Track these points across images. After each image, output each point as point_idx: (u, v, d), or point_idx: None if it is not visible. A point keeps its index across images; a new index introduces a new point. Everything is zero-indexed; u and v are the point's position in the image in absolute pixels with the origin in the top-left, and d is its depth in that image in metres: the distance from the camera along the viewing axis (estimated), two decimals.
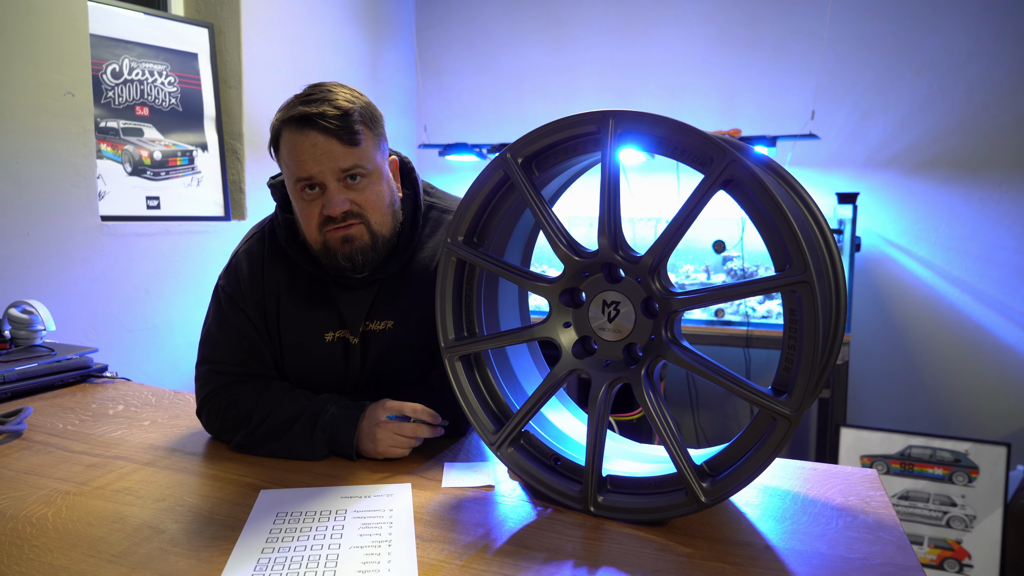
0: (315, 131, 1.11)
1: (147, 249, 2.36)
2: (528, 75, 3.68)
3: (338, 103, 1.12)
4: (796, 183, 1.01)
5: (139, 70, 2.42)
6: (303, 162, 1.13)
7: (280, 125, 1.15)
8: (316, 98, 1.13)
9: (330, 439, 1.19)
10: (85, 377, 1.69)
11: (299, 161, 1.13)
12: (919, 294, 3.15)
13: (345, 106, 1.12)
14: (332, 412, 1.20)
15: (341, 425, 1.18)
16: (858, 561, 0.87)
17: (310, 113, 1.11)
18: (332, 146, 1.12)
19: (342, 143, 1.12)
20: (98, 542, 0.91)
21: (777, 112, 3.25)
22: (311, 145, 1.12)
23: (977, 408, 3.06)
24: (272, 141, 1.19)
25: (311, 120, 1.11)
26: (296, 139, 1.13)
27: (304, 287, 1.28)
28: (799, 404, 0.85)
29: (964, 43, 2.98)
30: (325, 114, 1.11)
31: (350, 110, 1.13)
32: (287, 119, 1.13)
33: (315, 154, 1.12)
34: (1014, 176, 2.99)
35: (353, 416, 1.19)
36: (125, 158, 2.38)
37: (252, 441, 1.22)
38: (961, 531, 2.55)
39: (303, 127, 1.12)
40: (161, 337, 2.42)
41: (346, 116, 1.12)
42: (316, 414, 1.20)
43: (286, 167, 1.17)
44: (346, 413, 1.20)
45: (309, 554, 0.88)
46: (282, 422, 1.21)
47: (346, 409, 1.20)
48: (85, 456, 1.22)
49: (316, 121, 1.11)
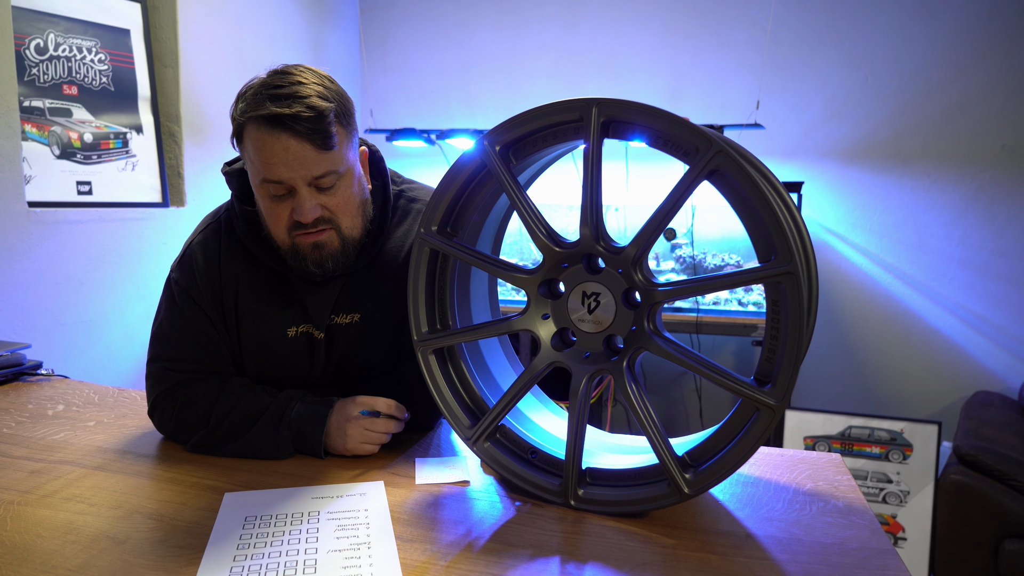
0: (287, 134, 1.03)
1: (79, 237, 2.22)
2: (477, 59, 3.63)
3: (312, 102, 1.03)
4: (772, 176, 1.02)
5: (66, 46, 2.26)
6: (272, 165, 1.05)
7: (246, 120, 1.05)
8: (287, 93, 1.03)
9: (296, 437, 1.14)
10: (18, 375, 1.58)
11: (268, 163, 1.05)
12: (856, 280, 3.27)
13: (320, 106, 1.03)
14: (298, 409, 1.16)
15: (309, 421, 1.14)
16: (835, 546, 0.89)
17: (282, 114, 1.01)
18: (305, 151, 1.04)
19: (316, 148, 1.04)
20: (52, 556, 0.85)
21: (723, 101, 3.30)
22: (282, 149, 1.03)
23: (909, 389, 3.21)
24: (236, 132, 1.09)
25: (282, 122, 1.02)
26: (265, 139, 1.04)
27: (264, 280, 1.22)
28: (783, 394, 0.86)
29: (897, 39, 3.09)
30: (299, 116, 1.02)
31: (325, 111, 1.04)
32: (257, 117, 1.03)
33: (286, 158, 1.04)
34: (942, 166, 3.13)
35: (321, 412, 1.14)
36: (52, 140, 2.23)
37: (212, 441, 1.16)
38: (896, 506, 2.67)
39: (274, 128, 1.03)
40: (96, 330, 2.29)
41: (320, 118, 1.03)
42: (281, 411, 1.15)
43: (251, 164, 1.08)
44: (314, 409, 1.15)
45: (286, 560, 0.85)
46: (244, 420, 1.15)
47: (313, 405, 1.16)
48: (26, 461, 1.13)
49: (289, 124, 1.02)
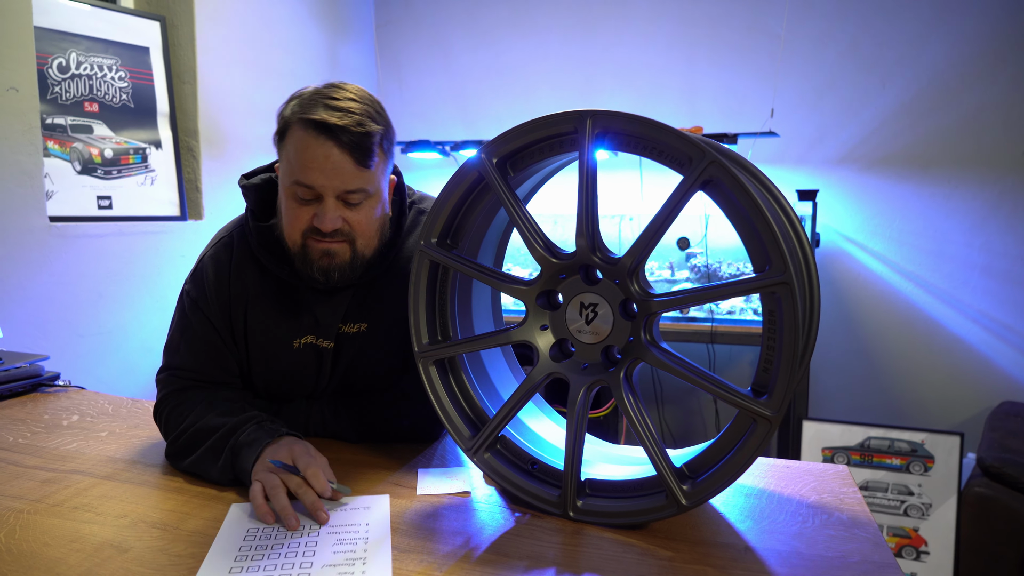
0: (332, 142, 1.06)
1: (99, 251, 2.27)
2: (490, 72, 3.66)
3: (362, 120, 1.07)
4: (771, 184, 1.02)
5: (87, 64, 2.32)
6: (310, 169, 1.07)
7: (295, 120, 1.08)
8: (341, 106, 1.07)
9: (234, 461, 1.07)
10: (36, 386, 1.62)
11: (305, 167, 1.07)
12: (875, 288, 3.23)
13: (369, 126, 1.08)
14: (249, 431, 1.09)
15: (248, 447, 1.07)
16: (836, 560, 0.88)
17: (333, 124, 1.05)
18: (345, 163, 1.07)
19: (355, 163, 1.07)
20: (56, 564, 0.86)
21: (737, 110, 3.29)
22: (324, 156, 1.06)
23: (931, 399, 3.15)
24: (280, 130, 1.12)
25: (332, 131, 1.05)
26: (309, 143, 1.06)
27: (274, 293, 1.23)
28: (779, 405, 0.85)
29: (915, 45, 3.06)
30: (348, 129, 1.05)
31: (373, 131, 1.08)
32: (307, 119, 1.06)
33: (325, 166, 1.07)
34: (962, 173, 3.09)
35: (262, 440, 1.07)
36: (74, 156, 2.28)
37: (172, 452, 1.15)
38: (918, 519, 2.62)
39: (321, 134, 1.06)
40: (115, 342, 2.33)
41: (367, 136, 1.07)
42: (232, 432, 1.10)
43: (288, 164, 1.11)
44: (256, 435, 1.08)
45: (279, 573, 0.85)
46: (201, 436, 1.12)
47: (262, 429, 1.10)
48: (39, 471, 1.16)
49: (336, 133, 1.05)
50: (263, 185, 1.24)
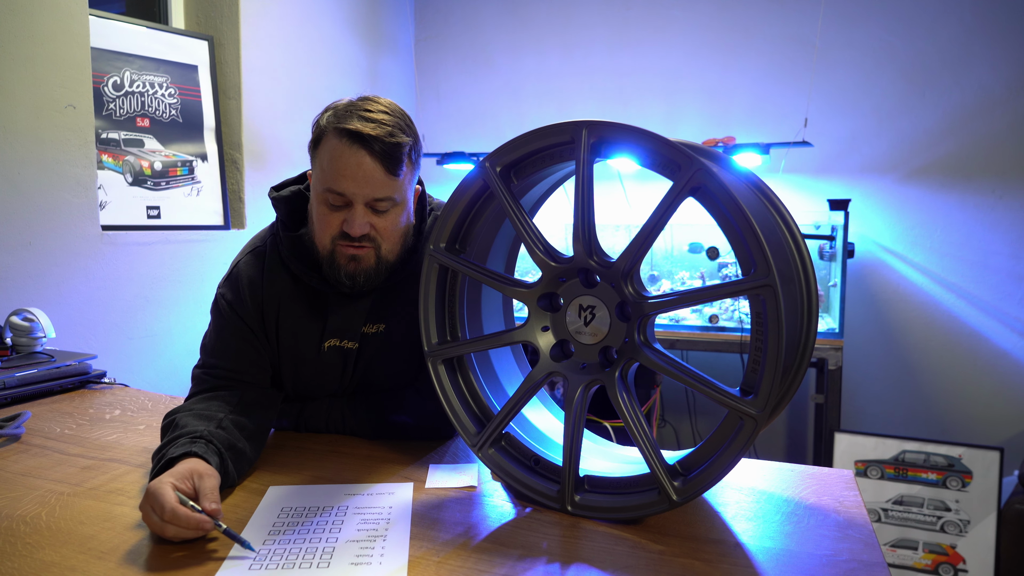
0: (365, 151, 1.13)
1: (147, 258, 2.40)
2: (525, 84, 3.73)
3: (393, 131, 1.14)
4: (769, 191, 1.04)
5: (140, 82, 2.46)
6: (342, 177, 1.14)
7: (330, 129, 1.15)
8: (374, 118, 1.14)
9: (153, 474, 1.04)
10: (84, 383, 1.73)
11: (338, 175, 1.14)
12: (914, 300, 3.17)
13: (400, 137, 1.14)
14: (182, 442, 1.06)
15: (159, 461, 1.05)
16: (824, 558, 0.90)
17: (366, 133, 1.12)
18: (375, 172, 1.14)
19: (385, 172, 1.14)
20: (88, 540, 0.94)
21: (770, 119, 3.28)
22: (356, 164, 1.13)
23: (971, 413, 3.07)
24: (315, 138, 1.19)
25: (365, 140, 1.12)
26: (343, 152, 1.13)
27: (303, 299, 1.31)
28: (764, 404, 0.87)
29: (956, 50, 3.01)
30: (380, 139, 1.12)
31: (403, 143, 1.15)
32: (341, 129, 1.14)
33: (357, 174, 1.13)
34: (1008, 182, 3.01)
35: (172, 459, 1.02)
36: (126, 168, 2.42)
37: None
38: (955, 536, 2.55)
39: (354, 143, 1.13)
40: (161, 344, 2.45)
41: (397, 147, 1.14)
42: (167, 443, 1.08)
43: (321, 172, 1.18)
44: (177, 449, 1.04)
45: (307, 547, 0.92)
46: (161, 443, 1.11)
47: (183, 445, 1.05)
48: (80, 459, 1.25)
49: (369, 143, 1.12)
50: (292, 197, 1.31)
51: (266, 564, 0.87)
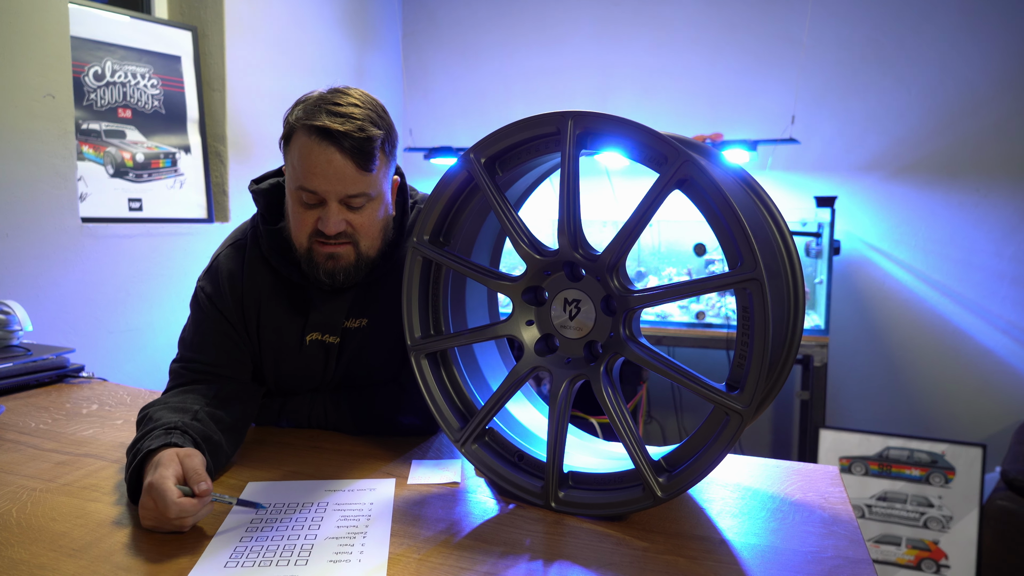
0: (334, 148, 1.09)
1: (129, 251, 2.36)
2: (513, 79, 3.71)
3: (364, 125, 1.10)
4: (757, 185, 1.03)
5: (121, 72, 2.42)
6: (313, 175, 1.11)
7: (299, 126, 1.12)
8: (343, 112, 1.10)
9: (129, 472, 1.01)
10: (61, 377, 1.70)
11: (309, 172, 1.11)
12: (899, 297, 3.18)
13: (370, 131, 1.10)
14: (156, 434, 1.03)
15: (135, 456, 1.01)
16: (810, 554, 0.89)
17: (335, 130, 1.08)
18: (347, 169, 1.10)
19: (357, 168, 1.11)
20: (60, 537, 0.92)
21: (758, 117, 3.28)
22: (326, 161, 1.10)
23: (955, 410, 3.09)
24: (286, 135, 1.16)
25: (334, 137, 1.09)
26: (312, 148, 1.10)
27: (284, 293, 1.28)
28: (750, 399, 0.86)
29: (943, 49, 3.02)
30: (350, 135, 1.09)
31: (374, 136, 1.11)
32: (310, 126, 1.10)
33: (327, 171, 1.10)
34: (993, 180, 3.03)
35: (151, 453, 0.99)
36: (107, 160, 2.38)
37: None
38: (938, 532, 2.57)
39: (323, 140, 1.09)
40: (142, 339, 2.42)
41: (368, 141, 1.10)
42: (148, 433, 1.04)
43: (292, 169, 1.15)
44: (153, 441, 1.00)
45: (285, 544, 0.90)
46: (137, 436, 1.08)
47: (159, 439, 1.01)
48: (54, 454, 1.22)
49: (338, 139, 1.09)
50: (272, 190, 1.29)
51: (242, 562, 0.85)
